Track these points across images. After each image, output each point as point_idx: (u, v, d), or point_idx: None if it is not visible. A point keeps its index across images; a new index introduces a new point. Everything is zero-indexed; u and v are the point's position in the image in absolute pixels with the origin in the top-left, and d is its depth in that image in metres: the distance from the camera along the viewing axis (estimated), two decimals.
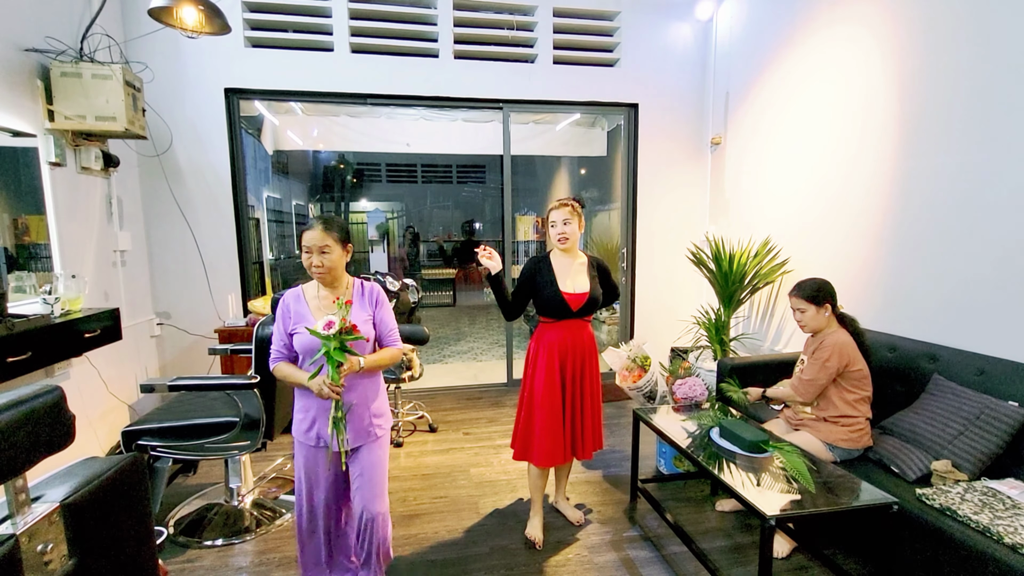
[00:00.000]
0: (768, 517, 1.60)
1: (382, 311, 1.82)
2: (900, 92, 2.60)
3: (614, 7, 4.04)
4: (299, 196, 9.67)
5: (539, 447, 2.22)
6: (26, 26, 2.54)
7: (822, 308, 2.23)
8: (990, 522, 1.61)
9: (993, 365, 2.11)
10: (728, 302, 3.58)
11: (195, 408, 2.42)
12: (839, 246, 2.99)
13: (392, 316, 1.85)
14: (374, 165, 11.20)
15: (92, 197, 3.01)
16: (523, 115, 4.87)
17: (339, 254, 1.72)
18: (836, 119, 3.01)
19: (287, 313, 1.76)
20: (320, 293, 1.77)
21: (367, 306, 1.80)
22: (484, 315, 8.56)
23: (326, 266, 1.70)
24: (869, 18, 2.77)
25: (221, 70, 3.56)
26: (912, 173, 2.55)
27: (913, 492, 1.87)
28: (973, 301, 2.27)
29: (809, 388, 2.19)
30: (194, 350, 3.70)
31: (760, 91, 3.67)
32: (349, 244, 1.77)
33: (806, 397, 2.21)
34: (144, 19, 3.30)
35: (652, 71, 4.18)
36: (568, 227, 2.19)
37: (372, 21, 3.75)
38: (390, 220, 11.50)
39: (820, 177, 3.15)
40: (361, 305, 1.79)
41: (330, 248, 1.69)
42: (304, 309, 1.76)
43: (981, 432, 1.95)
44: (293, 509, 2.55)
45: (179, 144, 3.53)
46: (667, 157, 4.31)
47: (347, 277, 1.82)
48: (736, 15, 3.92)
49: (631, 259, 4.41)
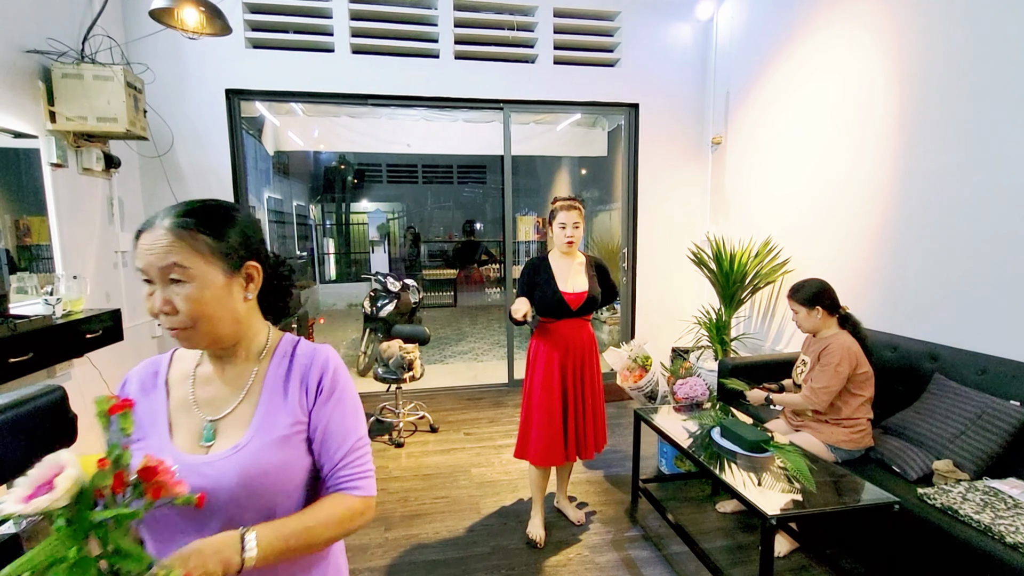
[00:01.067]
0: (769, 517, 1.60)
1: (335, 409, 0.89)
2: (900, 91, 2.59)
3: (614, 7, 4.04)
4: (300, 197, 9.70)
5: (537, 446, 2.22)
6: (27, 27, 2.54)
7: (813, 311, 2.25)
8: (992, 522, 1.61)
9: (995, 364, 2.10)
10: (729, 302, 3.57)
11: None
12: (840, 245, 2.99)
13: (357, 418, 0.92)
14: (375, 166, 11.22)
15: (93, 198, 3.02)
16: (524, 115, 4.87)
17: (216, 284, 0.81)
18: (836, 118, 3.00)
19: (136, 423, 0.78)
20: (198, 371, 0.90)
21: (298, 398, 0.87)
22: (485, 315, 8.56)
23: (184, 312, 0.79)
24: (869, 18, 2.77)
25: (222, 71, 3.56)
26: (913, 172, 2.54)
27: (915, 492, 1.86)
28: (974, 300, 2.26)
29: (823, 396, 2.16)
30: None
31: (760, 91, 3.67)
32: (253, 263, 0.87)
33: (821, 405, 2.17)
34: (145, 20, 3.30)
35: (653, 71, 4.18)
36: (577, 231, 2.19)
37: (372, 22, 3.75)
38: (391, 220, 11.52)
39: (820, 176, 3.14)
40: (281, 397, 0.87)
41: (190, 270, 0.79)
42: (158, 407, 0.87)
43: (982, 432, 1.95)
44: None
45: (180, 145, 3.54)
46: (668, 157, 4.31)
47: (259, 330, 0.92)
48: (736, 15, 3.92)
49: (632, 259, 4.41)
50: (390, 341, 3.53)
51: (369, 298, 4.97)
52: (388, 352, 3.45)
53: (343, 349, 6.10)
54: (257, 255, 0.87)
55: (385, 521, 2.47)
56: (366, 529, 2.40)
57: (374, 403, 3.98)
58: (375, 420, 3.58)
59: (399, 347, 3.46)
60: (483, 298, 9.95)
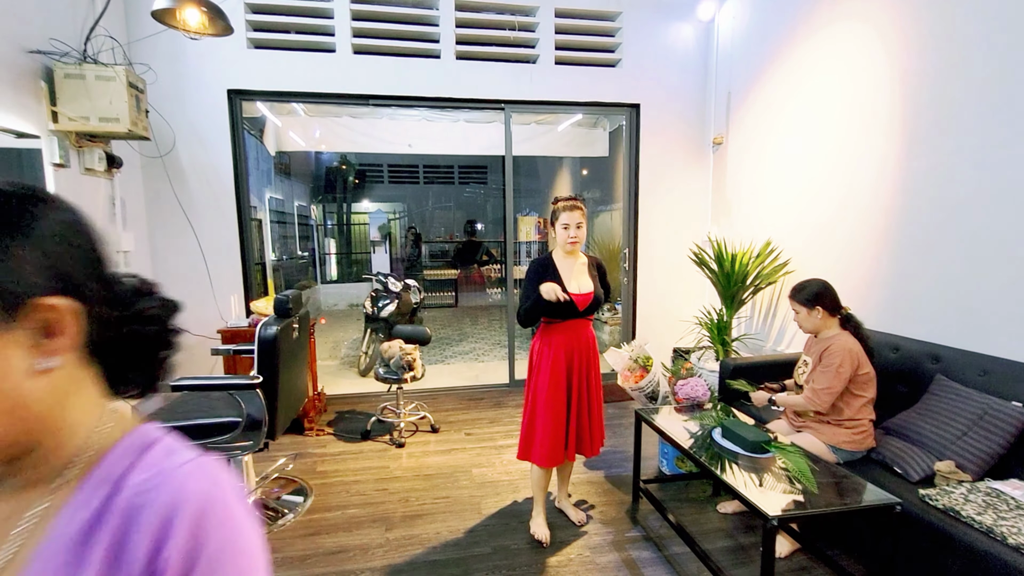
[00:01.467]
0: (770, 517, 1.60)
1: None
2: (903, 90, 2.59)
3: (615, 7, 4.04)
4: (301, 197, 9.71)
5: (543, 447, 2.22)
6: (30, 28, 2.55)
7: (814, 311, 2.25)
8: (994, 523, 1.60)
9: (996, 365, 2.10)
10: (730, 303, 3.57)
11: (197, 408, 2.43)
12: (842, 247, 2.98)
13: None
14: (376, 166, 11.24)
15: (95, 198, 3.02)
16: (525, 116, 4.87)
17: None
18: (839, 118, 3.00)
19: None
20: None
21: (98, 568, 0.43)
22: (486, 316, 8.56)
23: None
24: (872, 15, 2.76)
25: (224, 71, 3.56)
26: (916, 173, 2.54)
27: (916, 493, 1.86)
28: (976, 301, 2.26)
29: (825, 396, 2.15)
30: (196, 351, 3.70)
31: (762, 90, 3.66)
32: (56, 301, 0.46)
33: (823, 406, 2.17)
34: (147, 21, 3.30)
35: (654, 71, 4.17)
36: (580, 231, 2.19)
37: (374, 22, 3.76)
38: (392, 221, 11.52)
39: (823, 177, 3.14)
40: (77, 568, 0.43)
41: None
42: None
43: (984, 433, 1.95)
44: (296, 509, 2.56)
45: (182, 145, 3.54)
46: (669, 157, 4.31)
47: (75, 426, 0.49)
48: (738, 15, 3.91)
49: (633, 259, 4.41)
50: (391, 341, 3.53)
51: (370, 298, 4.97)
52: (389, 352, 3.45)
53: (344, 349, 6.10)
54: (75, 287, 0.48)
55: (386, 521, 2.47)
56: (367, 529, 2.40)
57: (375, 403, 3.98)
58: (376, 420, 3.58)
59: (400, 347, 3.46)
60: (484, 298, 9.95)
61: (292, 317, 2.50)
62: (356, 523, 2.46)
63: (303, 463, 3.07)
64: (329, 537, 2.35)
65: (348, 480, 2.86)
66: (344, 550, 2.26)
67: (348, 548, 2.28)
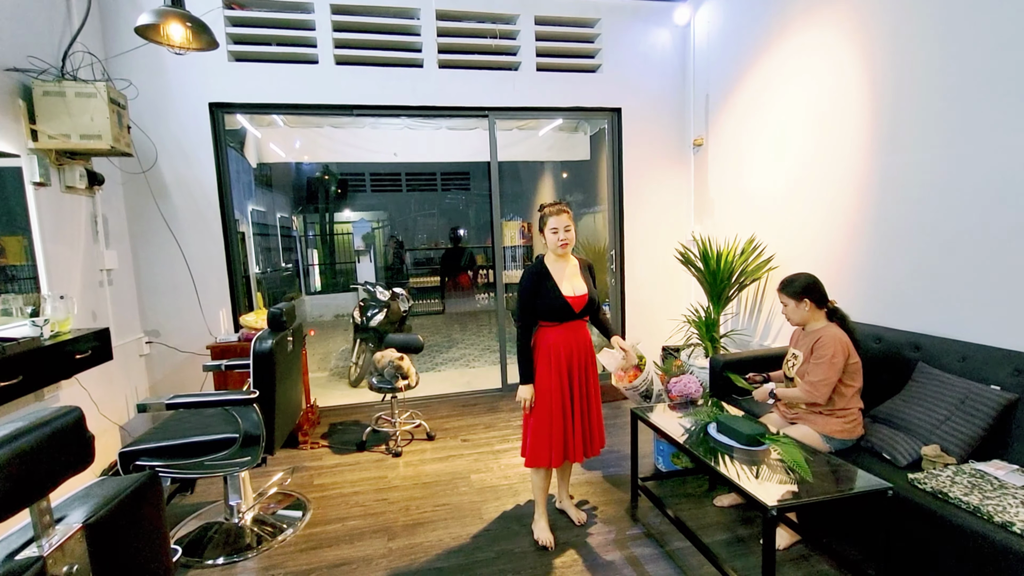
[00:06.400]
0: (769, 507, 1.64)
1: None
2: (872, 90, 2.69)
3: (594, 14, 4.12)
4: (283, 209, 9.61)
5: (558, 448, 2.25)
6: (5, 46, 2.50)
7: (801, 303, 2.32)
8: (980, 502, 1.68)
9: (974, 351, 2.19)
10: (717, 300, 3.65)
11: (191, 426, 2.40)
12: (823, 241, 3.08)
13: None
14: (358, 175, 11.17)
15: (77, 216, 2.97)
16: (507, 121, 4.91)
17: None
18: (813, 117, 3.10)
19: None
20: None
21: None
22: (474, 321, 8.56)
23: None
24: (840, 22, 2.87)
25: (205, 85, 3.53)
26: (887, 169, 2.64)
27: (905, 477, 1.93)
28: (953, 290, 2.36)
29: (823, 388, 2.20)
30: (184, 368, 3.65)
31: (739, 93, 3.76)
32: None
33: (822, 398, 2.22)
34: (126, 35, 3.28)
35: (634, 76, 4.25)
36: (568, 233, 2.23)
37: (356, 33, 3.76)
38: (376, 230, 11.46)
39: (800, 175, 3.24)
40: None
41: None
42: None
43: (966, 416, 2.03)
44: (295, 524, 2.54)
45: (164, 160, 3.50)
46: (651, 159, 4.39)
47: None
48: (713, 20, 4.01)
49: (620, 260, 4.47)
50: (384, 351, 3.52)
51: (359, 308, 4.94)
52: (382, 362, 3.44)
53: (333, 360, 6.05)
54: None
55: (387, 531, 2.46)
56: (369, 540, 2.39)
57: (368, 414, 3.96)
58: (371, 430, 3.56)
59: (392, 356, 3.45)
60: (471, 304, 9.94)
61: (286, 330, 2.49)
62: (357, 535, 2.45)
63: (299, 477, 3.04)
64: (331, 550, 2.34)
65: (347, 492, 2.85)
66: (347, 562, 2.25)
67: (351, 560, 2.27)
